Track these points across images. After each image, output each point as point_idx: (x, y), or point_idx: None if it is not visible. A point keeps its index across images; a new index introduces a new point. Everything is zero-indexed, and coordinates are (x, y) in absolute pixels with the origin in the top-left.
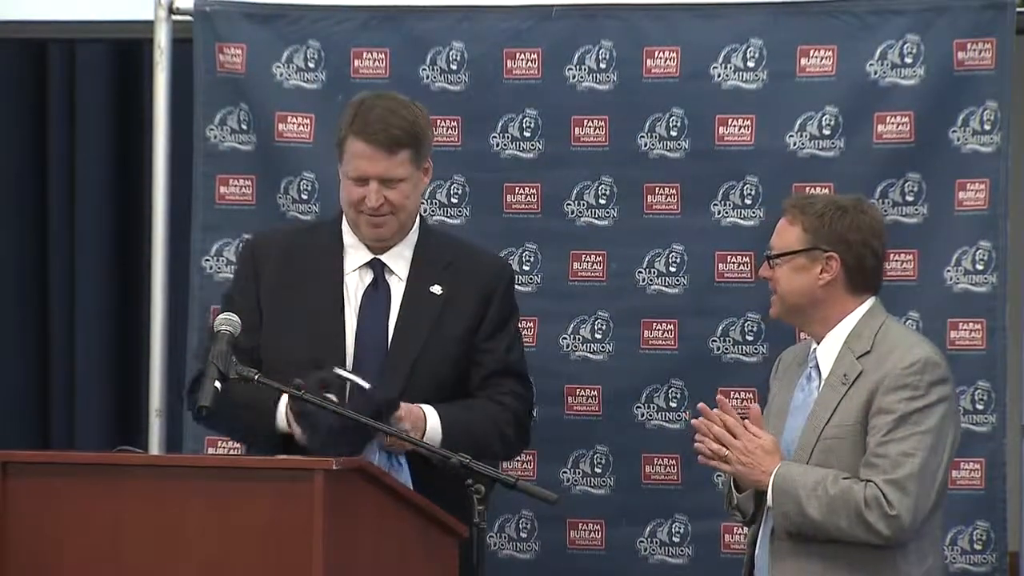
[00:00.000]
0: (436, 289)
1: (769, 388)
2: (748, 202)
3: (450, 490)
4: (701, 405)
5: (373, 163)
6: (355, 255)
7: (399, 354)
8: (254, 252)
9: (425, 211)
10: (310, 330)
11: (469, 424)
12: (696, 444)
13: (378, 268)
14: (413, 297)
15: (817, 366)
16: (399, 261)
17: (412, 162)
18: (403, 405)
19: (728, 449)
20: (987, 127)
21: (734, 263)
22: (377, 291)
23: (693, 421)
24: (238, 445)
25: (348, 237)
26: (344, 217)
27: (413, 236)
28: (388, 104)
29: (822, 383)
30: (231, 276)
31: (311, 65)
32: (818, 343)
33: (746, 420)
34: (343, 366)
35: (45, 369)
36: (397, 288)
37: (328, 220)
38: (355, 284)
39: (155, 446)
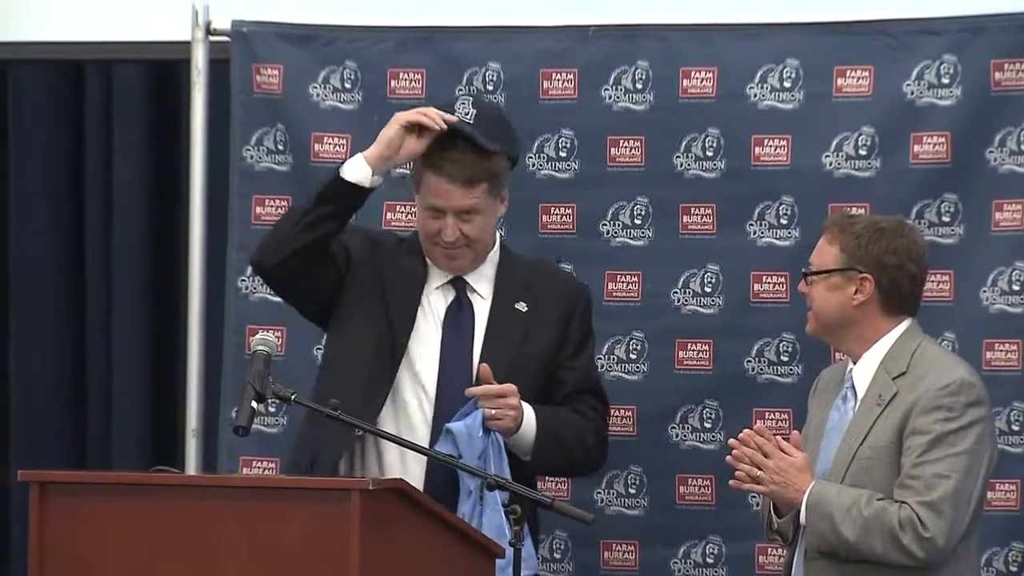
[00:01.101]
0: (521, 306)
1: (807, 408)
2: (784, 222)
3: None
4: (732, 440)
5: (450, 198)
6: (437, 272)
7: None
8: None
9: None
10: (380, 342)
11: (556, 427)
12: (736, 474)
13: (460, 286)
14: (499, 314)
15: (853, 386)
16: (481, 280)
17: (489, 194)
18: (512, 388)
19: (760, 469)
20: None
21: (769, 283)
22: (461, 309)
23: (727, 458)
24: (274, 465)
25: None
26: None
27: (495, 256)
28: None
29: (858, 403)
30: (267, 296)
31: (347, 86)
32: (854, 363)
33: (778, 436)
34: (392, 374)
35: (82, 389)
36: (480, 306)
37: (408, 238)
38: (438, 300)
39: (191, 466)
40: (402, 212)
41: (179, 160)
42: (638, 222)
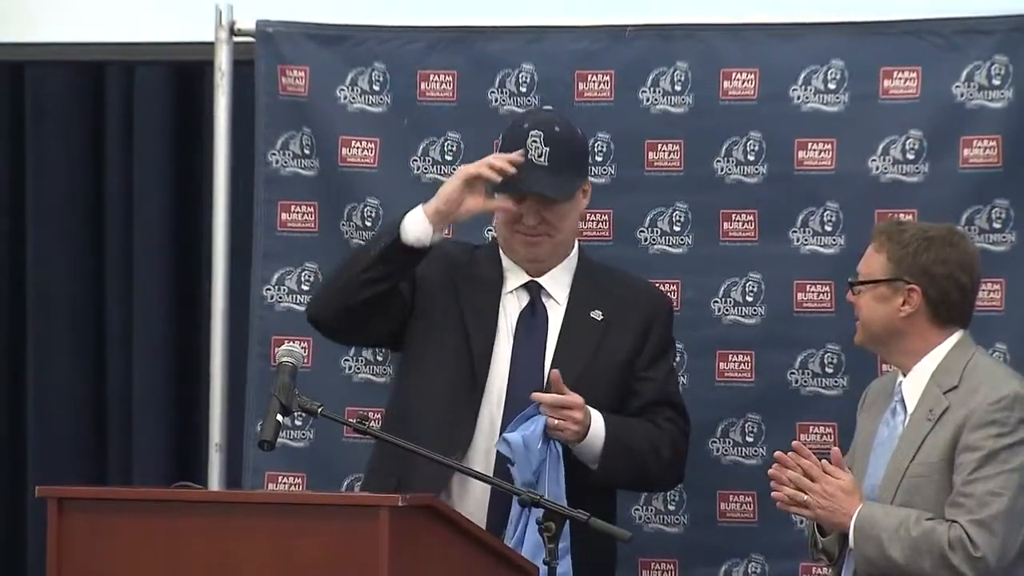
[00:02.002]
0: (597, 314)
1: (854, 422)
2: (828, 229)
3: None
4: (778, 453)
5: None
6: (512, 277)
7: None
8: None
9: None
10: (459, 351)
11: (627, 436)
12: (773, 494)
13: (535, 291)
14: (574, 321)
15: (903, 400)
16: (557, 285)
17: None
18: (579, 401)
19: (806, 493)
20: None
21: (813, 292)
22: (534, 314)
23: (769, 472)
24: (300, 480)
25: (505, 260)
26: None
27: (572, 261)
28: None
29: (908, 418)
30: (293, 306)
31: (376, 88)
32: (904, 376)
33: (824, 460)
34: (481, 390)
35: (102, 402)
36: (555, 312)
37: (484, 244)
38: (511, 305)
39: (215, 481)
40: None
41: (202, 165)
42: (677, 229)
